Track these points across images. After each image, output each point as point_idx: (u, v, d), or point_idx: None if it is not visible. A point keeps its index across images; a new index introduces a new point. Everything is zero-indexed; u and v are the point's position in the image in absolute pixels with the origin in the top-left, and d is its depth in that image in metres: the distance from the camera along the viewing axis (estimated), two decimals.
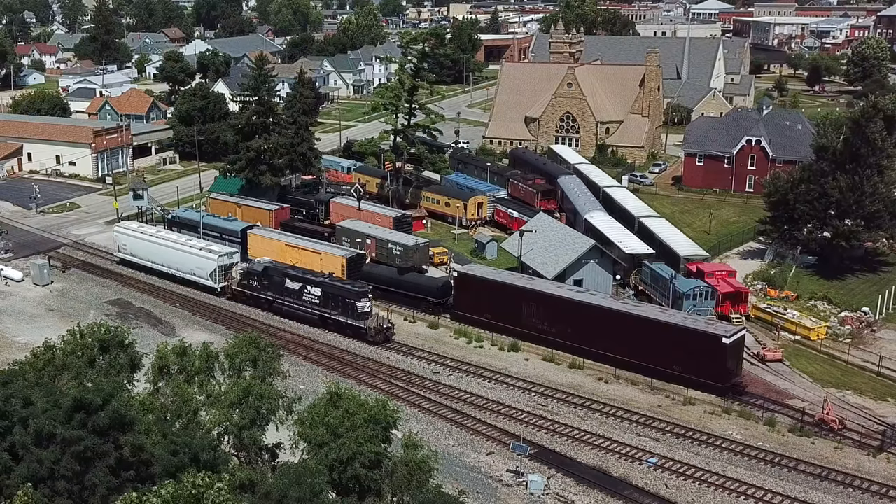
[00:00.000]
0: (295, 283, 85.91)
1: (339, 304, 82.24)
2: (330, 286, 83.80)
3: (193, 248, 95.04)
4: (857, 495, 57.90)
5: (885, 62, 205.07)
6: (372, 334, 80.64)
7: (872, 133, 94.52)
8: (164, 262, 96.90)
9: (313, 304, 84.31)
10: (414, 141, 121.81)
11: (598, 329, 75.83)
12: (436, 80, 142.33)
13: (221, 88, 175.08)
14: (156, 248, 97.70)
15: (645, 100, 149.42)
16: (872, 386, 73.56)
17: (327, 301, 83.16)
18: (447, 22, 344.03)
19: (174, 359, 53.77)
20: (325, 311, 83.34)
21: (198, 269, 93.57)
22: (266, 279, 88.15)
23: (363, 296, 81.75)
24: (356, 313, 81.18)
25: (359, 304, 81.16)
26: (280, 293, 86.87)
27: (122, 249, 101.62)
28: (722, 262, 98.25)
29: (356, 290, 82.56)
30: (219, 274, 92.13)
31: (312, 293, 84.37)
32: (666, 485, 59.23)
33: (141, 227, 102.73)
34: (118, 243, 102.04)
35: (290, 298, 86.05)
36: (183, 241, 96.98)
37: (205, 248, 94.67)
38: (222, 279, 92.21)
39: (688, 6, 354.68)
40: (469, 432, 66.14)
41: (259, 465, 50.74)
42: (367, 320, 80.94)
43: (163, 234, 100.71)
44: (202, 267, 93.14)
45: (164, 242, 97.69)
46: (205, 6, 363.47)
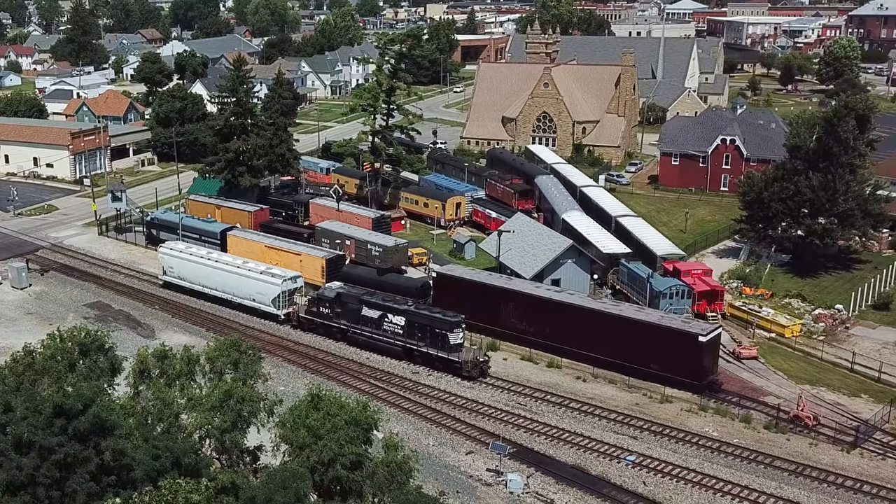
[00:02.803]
0: (374, 310, 79.15)
1: (428, 335, 75.61)
2: (416, 315, 76.77)
3: (253, 271, 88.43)
4: (832, 490, 58.57)
5: (856, 61, 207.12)
6: (468, 368, 74.15)
7: (845, 132, 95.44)
8: (218, 286, 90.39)
9: (396, 335, 77.69)
10: (392, 142, 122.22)
11: (575, 328, 76.35)
12: (413, 81, 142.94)
13: (199, 89, 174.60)
14: (209, 272, 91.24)
15: (621, 99, 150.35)
16: (846, 382, 74.40)
17: (413, 331, 76.51)
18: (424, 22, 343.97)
19: (155, 362, 53.93)
20: (411, 342, 76.71)
21: (258, 294, 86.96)
22: (339, 306, 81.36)
23: (456, 326, 74.84)
24: (448, 345, 74.63)
25: (451, 335, 74.50)
26: (356, 322, 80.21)
27: (168, 272, 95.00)
28: (698, 260, 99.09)
29: (448, 319, 75.19)
30: (283, 300, 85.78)
31: (395, 322, 77.74)
32: (644, 482, 59.76)
33: (189, 248, 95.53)
34: (164, 265, 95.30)
35: (368, 328, 79.36)
36: (240, 263, 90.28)
37: (266, 271, 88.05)
38: (286, 305, 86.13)
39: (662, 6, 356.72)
40: (449, 432, 66.48)
41: (241, 467, 51.00)
42: (460, 353, 74.75)
43: (215, 255, 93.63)
44: (264, 292, 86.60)
45: (219, 265, 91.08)
46: (182, 7, 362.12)
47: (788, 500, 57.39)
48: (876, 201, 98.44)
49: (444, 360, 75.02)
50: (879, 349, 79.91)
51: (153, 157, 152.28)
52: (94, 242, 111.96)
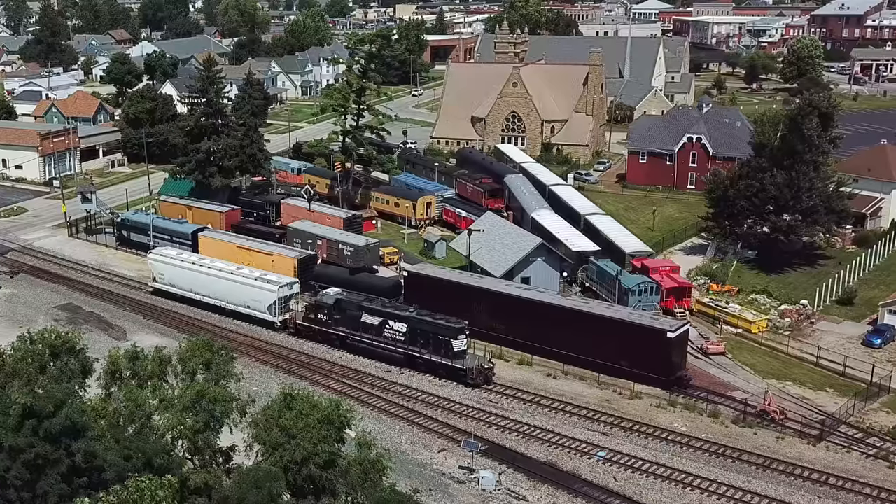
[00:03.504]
0: (374, 317, 77.52)
1: (430, 342, 74.19)
2: (419, 321, 75.18)
3: (247, 277, 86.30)
4: (799, 483, 59.46)
5: (819, 60, 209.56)
6: (472, 376, 72.69)
7: (808, 130, 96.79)
8: (211, 293, 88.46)
9: (397, 342, 76.21)
10: (363, 142, 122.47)
11: (546, 326, 77.02)
12: (383, 81, 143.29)
13: (169, 90, 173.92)
14: (201, 278, 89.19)
15: (589, 99, 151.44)
16: (811, 377, 75.52)
17: (415, 338, 75.08)
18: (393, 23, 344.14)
19: (126, 363, 53.61)
20: (413, 349, 75.28)
21: (253, 301, 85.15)
22: (338, 312, 79.73)
23: (460, 332, 73.53)
24: (452, 352, 73.26)
25: (455, 341, 73.21)
26: (355, 329, 78.64)
27: (159, 279, 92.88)
28: (666, 258, 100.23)
29: (451, 325, 73.83)
30: (279, 306, 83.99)
31: (396, 329, 76.20)
32: (615, 477, 60.38)
33: (181, 255, 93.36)
34: (154, 272, 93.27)
35: (369, 335, 77.78)
36: (234, 269, 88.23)
37: (261, 277, 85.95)
38: (282, 312, 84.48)
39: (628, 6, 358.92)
40: (421, 430, 66.89)
41: (214, 468, 50.72)
42: (464, 360, 73.43)
43: (207, 261, 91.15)
44: (259, 299, 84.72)
45: (212, 272, 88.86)
46: (151, 8, 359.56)
47: (756, 493, 58.19)
48: (839, 198, 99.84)
49: (447, 368, 73.58)
50: (844, 343, 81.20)
51: (123, 158, 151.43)
52: (65, 244, 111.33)
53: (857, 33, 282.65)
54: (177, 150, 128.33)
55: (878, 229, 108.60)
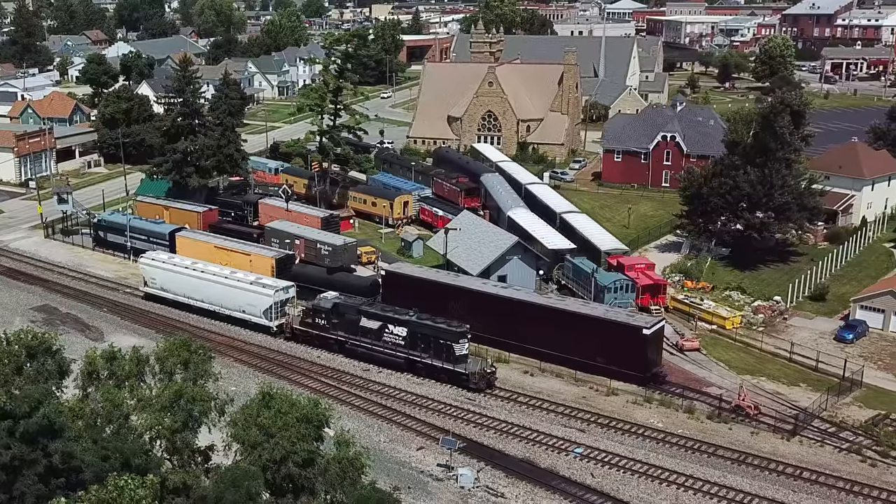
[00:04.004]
0: (373, 321, 76.72)
1: (431, 346, 73.50)
2: (419, 325, 74.43)
3: (242, 281, 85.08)
4: (773, 477, 60.09)
5: (790, 59, 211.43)
6: (475, 380, 72.00)
7: (780, 128, 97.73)
8: (205, 297, 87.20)
9: (397, 346, 75.46)
10: (340, 141, 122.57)
11: (522, 323, 77.36)
12: (360, 81, 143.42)
13: (146, 90, 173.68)
14: (194, 283, 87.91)
15: (564, 98, 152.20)
16: (785, 372, 76.36)
17: (415, 342, 74.41)
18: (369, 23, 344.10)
19: (104, 364, 53.33)
20: (413, 353, 74.63)
21: (249, 305, 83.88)
22: (336, 317, 78.94)
23: (461, 336, 72.64)
24: (453, 357, 72.55)
25: (456, 346, 72.41)
26: (354, 333, 77.82)
27: (150, 283, 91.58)
28: (641, 255, 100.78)
29: (452, 329, 73.08)
30: (275, 311, 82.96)
31: (396, 333, 75.43)
32: (592, 474, 60.82)
33: (172, 259, 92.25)
34: (146, 276, 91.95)
35: (368, 339, 76.96)
36: (228, 273, 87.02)
37: (256, 281, 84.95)
38: (278, 316, 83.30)
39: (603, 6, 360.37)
40: (399, 428, 67.17)
41: (192, 467, 50.68)
42: (466, 364, 72.69)
43: (201, 265, 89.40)
44: (255, 304, 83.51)
45: (206, 276, 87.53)
46: (127, 8, 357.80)
47: (731, 487, 58.74)
48: (811, 195, 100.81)
49: (449, 372, 72.81)
50: (816, 339, 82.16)
51: (99, 158, 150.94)
52: (41, 245, 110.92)
53: (828, 32, 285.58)
54: (153, 150, 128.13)
55: (849, 226, 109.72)
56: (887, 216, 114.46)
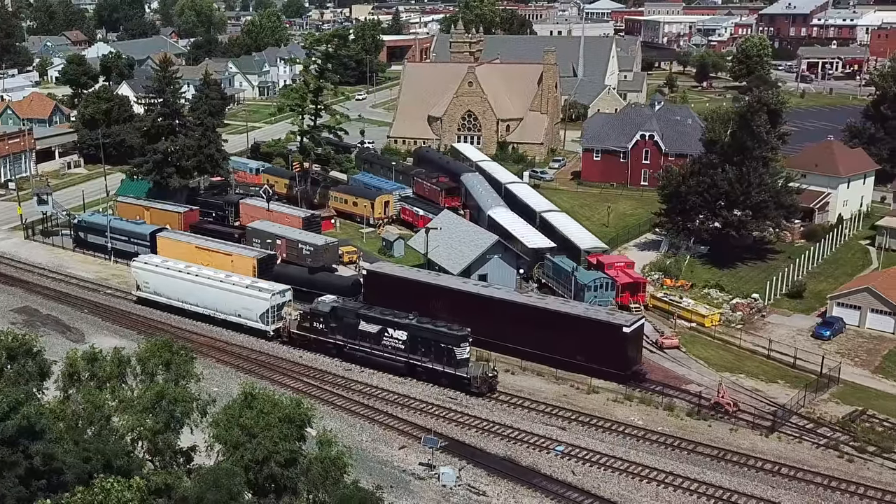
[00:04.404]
0: (372, 325, 75.99)
1: (432, 350, 72.85)
2: (419, 329, 73.75)
3: (238, 285, 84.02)
4: (752, 474, 60.64)
5: (767, 59, 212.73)
6: (477, 384, 71.41)
7: (757, 126, 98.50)
8: (199, 302, 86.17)
9: (397, 350, 74.81)
10: (320, 141, 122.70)
11: (503, 322, 77.60)
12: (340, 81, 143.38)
13: (126, 91, 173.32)
14: (189, 286, 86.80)
15: (543, 97, 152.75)
16: (763, 369, 77.05)
17: (415, 346, 73.72)
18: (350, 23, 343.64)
19: (84, 365, 53.12)
20: (414, 357, 73.95)
21: (245, 309, 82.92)
22: (334, 321, 78.15)
23: (462, 340, 72.03)
24: (455, 360, 71.93)
25: (458, 349, 71.78)
26: (353, 337, 77.05)
27: (143, 287, 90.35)
28: (620, 253, 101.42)
29: (453, 333, 72.37)
30: (271, 315, 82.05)
31: (396, 337, 74.77)
32: (573, 471, 61.19)
33: (166, 262, 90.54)
34: (138, 280, 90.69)
35: (367, 343, 76.33)
36: (223, 277, 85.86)
37: (252, 285, 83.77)
38: (275, 320, 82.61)
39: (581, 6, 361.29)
40: (382, 427, 67.41)
41: (174, 468, 50.54)
42: (467, 368, 72.00)
43: (195, 269, 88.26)
44: (250, 307, 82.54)
45: (200, 279, 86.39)
46: (107, 8, 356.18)
47: (711, 484, 59.23)
48: (788, 193, 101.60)
49: (450, 377, 72.24)
50: (794, 336, 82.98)
51: (80, 159, 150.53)
52: (21, 247, 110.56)
53: (804, 32, 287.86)
54: (134, 150, 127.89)
55: (825, 223, 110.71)
56: (863, 214, 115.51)
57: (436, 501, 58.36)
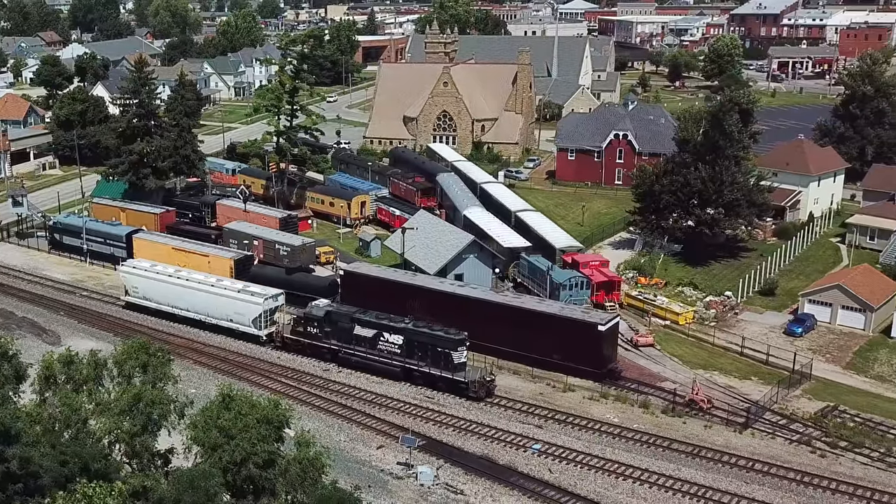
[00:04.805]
0: (367, 329, 75.24)
1: (429, 354, 72.38)
2: (416, 333, 73.20)
3: (230, 290, 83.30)
4: (726, 470, 61.19)
5: (738, 58, 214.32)
6: (475, 388, 70.85)
7: (729, 126, 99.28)
8: (190, 306, 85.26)
9: (393, 355, 74.25)
10: (296, 142, 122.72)
11: (479, 321, 77.48)
12: (316, 82, 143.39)
13: (101, 92, 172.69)
14: (179, 291, 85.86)
15: (518, 97, 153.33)
16: (737, 366, 77.78)
17: (412, 351, 73.18)
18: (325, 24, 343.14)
19: (61, 368, 52.75)
20: (410, 362, 73.39)
21: (237, 314, 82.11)
22: (329, 325, 77.40)
23: (459, 344, 71.53)
24: (452, 364, 71.41)
25: (455, 353, 71.29)
26: (348, 341, 76.40)
27: (132, 292, 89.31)
28: (595, 252, 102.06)
29: (450, 337, 71.83)
30: (264, 319, 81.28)
31: (391, 342, 74.19)
32: (550, 469, 61.58)
33: (155, 266, 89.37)
34: (127, 285, 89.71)
35: (362, 348, 75.65)
36: (214, 281, 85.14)
37: (244, 289, 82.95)
38: (268, 325, 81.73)
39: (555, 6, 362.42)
40: (359, 427, 67.62)
41: (152, 471, 50.36)
42: (465, 372, 71.56)
43: (185, 273, 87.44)
44: (242, 312, 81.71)
45: (190, 284, 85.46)
46: (81, 9, 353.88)
47: (686, 480, 59.77)
48: (759, 191, 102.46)
49: (447, 381, 71.72)
50: (766, 333, 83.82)
51: (55, 160, 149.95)
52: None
53: (774, 32, 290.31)
54: (109, 152, 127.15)
55: (796, 221, 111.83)
56: (833, 211, 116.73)
57: (414, 500, 58.63)
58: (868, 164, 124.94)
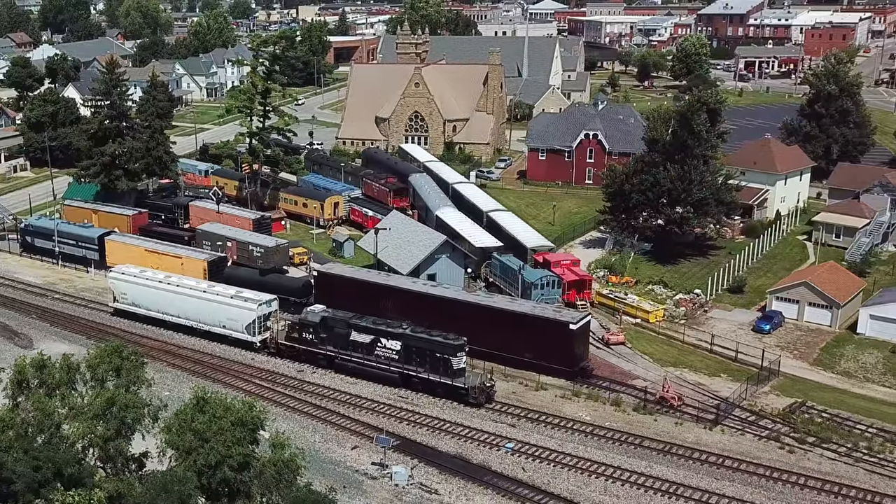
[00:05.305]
0: (364, 335, 74.42)
1: (427, 360, 71.55)
2: (414, 338, 72.35)
3: (222, 296, 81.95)
4: (697, 466, 61.92)
5: (706, 58, 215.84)
6: (475, 394, 70.18)
7: (697, 125, 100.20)
8: (181, 313, 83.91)
9: (391, 361, 73.32)
10: (269, 143, 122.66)
11: (452, 321, 77.33)
12: (288, 83, 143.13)
13: (72, 93, 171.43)
14: (170, 297, 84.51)
15: (489, 98, 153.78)
16: (706, 363, 78.62)
17: (410, 356, 72.36)
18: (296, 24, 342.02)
19: (33, 372, 52.49)
20: (409, 368, 72.58)
21: (230, 320, 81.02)
22: (324, 331, 76.52)
23: (459, 349, 70.69)
24: (451, 370, 70.60)
25: (454, 359, 70.43)
26: (344, 347, 75.50)
27: (120, 299, 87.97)
28: (566, 251, 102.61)
29: (450, 342, 70.94)
30: (258, 325, 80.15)
31: (389, 347, 73.31)
32: (523, 468, 62.07)
33: (145, 273, 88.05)
34: (115, 291, 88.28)
35: (359, 354, 74.79)
36: (205, 287, 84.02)
37: (237, 295, 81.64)
38: (261, 331, 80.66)
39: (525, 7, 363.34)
40: (334, 428, 67.87)
41: (126, 475, 50.24)
42: (464, 378, 70.73)
43: (175, 279, 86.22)
44: (236, 318, 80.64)
45: (181, 290, 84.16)
46: (52, 10, 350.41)
47: (658, 477, 60.45)
48: (727, 190, 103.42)
49: (447, 387, 70.99)
50: (735, 330, 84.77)
51: (25, 162, 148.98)
52: None
53: (741, 32, 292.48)
54: (81, 153, 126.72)
55: (764, 219, 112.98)
56: (800, 210, 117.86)
57: (388, 501, 58.96)
58: (833, 162, 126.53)
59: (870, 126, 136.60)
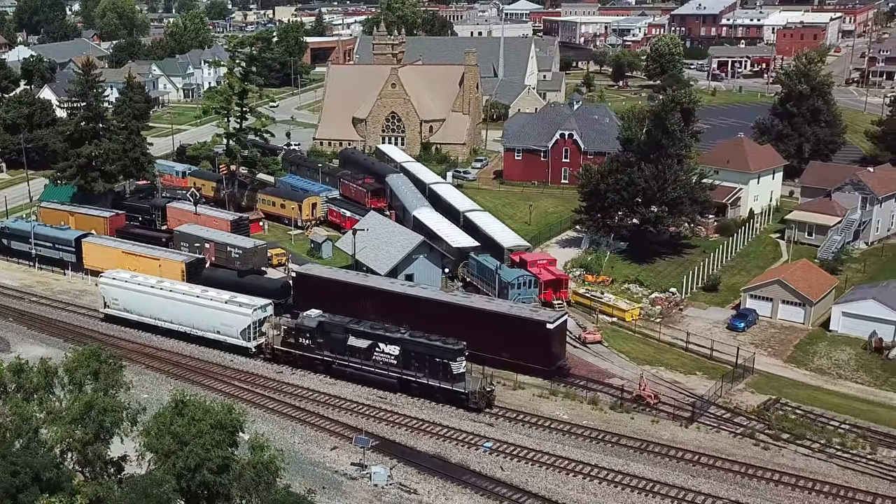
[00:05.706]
0: (362, 340, 73.60)
1: (426, 365, 70.86)
2: (413, 343, 71.64)
3: (217, 301, 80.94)
4: (673, 463, 62.49)
5: (679, 58, 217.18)
6: (475, 399, 69.45)
7: (671, 124, 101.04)
8: (174, 318, 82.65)
9: (389, 366, 72.68)
10: (247, 144, 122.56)
11: (430, 321, 77.58)
12: (264, 84, 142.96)
13: (48, 95, 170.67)
14: (162, 303, 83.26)
15: (465, 98, 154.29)
16: (682, 361, 79.31)
17: (409, 361, 71.61)
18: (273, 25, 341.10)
19: (11, 377, 52.60)
20: (407, 373, 71.84)
21: (224, 326, 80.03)
22: (322, 336, 75.63)
23: (459, 354, 70.06)
24: (451, 375, 70.01)
25: (454, 364, 69.79)
26: (341, 353, 74.74)
27: (112, 304, 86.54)
28: (543, 251, 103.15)
29: (450, 347, 70.24)
30: (253, 330, 79.19)
31: (387, 352, 72.53)
32: (501, 467, 62.42)
33: (136, 277, 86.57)
34: (106, 297, 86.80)
35: (357, 359, 74.03)
36: (199, 292, 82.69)
37: (231, 300, 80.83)
38: (257, 336, 79.71)
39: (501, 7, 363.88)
40: (313, 429, 68.01)
41: (105, 479, 50.23)
42: (464, 383, 70.08)
43: (168, 284, 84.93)
44: (230, 323, 79.66)
45: (174, 295, 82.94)
46: (27, 11, 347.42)
47: (634, 475, 60.92)
48: (701, 189, 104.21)
49: (446, 392, 70.37)
50: (710, 328, 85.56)
51: (1, 164, 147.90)
52: None
53: (714, 32, 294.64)
54: (57, 155, 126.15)
55: (738, 218, 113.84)
56: (772, 208, 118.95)
57: (368, 501, 59.21)
58: (805, 161, 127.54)
59: (841, 125, 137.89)
